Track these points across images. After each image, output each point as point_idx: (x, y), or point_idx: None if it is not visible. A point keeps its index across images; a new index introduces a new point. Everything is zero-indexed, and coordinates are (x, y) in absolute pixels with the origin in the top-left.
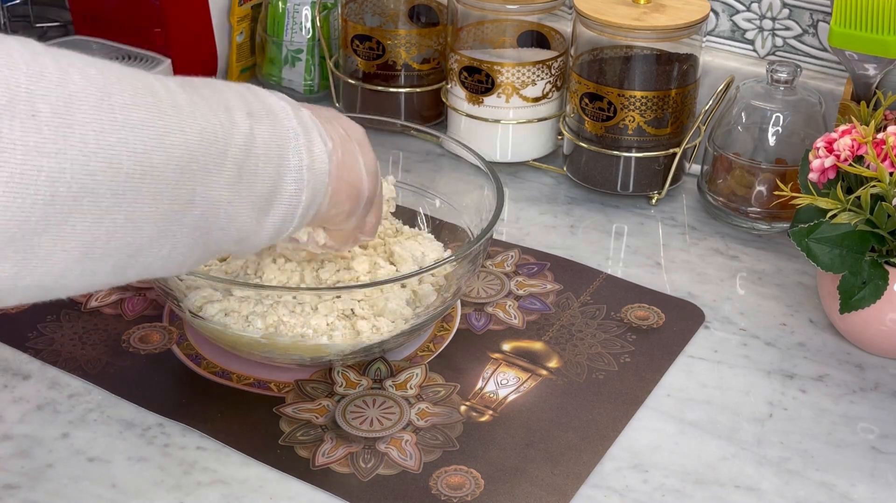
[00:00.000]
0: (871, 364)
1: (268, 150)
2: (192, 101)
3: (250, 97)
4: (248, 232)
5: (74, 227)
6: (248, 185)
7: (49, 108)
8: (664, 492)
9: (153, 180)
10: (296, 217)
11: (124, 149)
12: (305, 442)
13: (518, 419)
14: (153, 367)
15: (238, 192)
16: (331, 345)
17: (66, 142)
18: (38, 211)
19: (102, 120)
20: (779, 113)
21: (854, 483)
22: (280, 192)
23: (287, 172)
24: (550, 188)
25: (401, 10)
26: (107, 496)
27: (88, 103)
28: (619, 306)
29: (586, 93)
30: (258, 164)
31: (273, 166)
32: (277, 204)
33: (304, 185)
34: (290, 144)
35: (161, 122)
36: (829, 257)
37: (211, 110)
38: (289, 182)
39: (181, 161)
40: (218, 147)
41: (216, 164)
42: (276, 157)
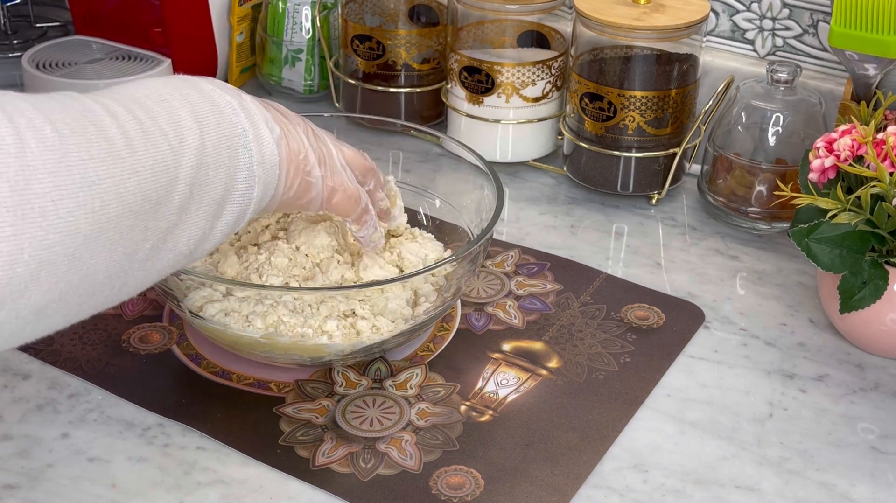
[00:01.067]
0: (872, 364)
1: (217, 155)
2: (142, 128)
3: (196, 97)
4: (200, 240)
5: (29, 298)
6: (199, 199)
7: (7, 186)
8: (664, 492)
9: (109, 232)
10: (248, 213)
11: (82, 211)
12: (305, 442)
13: (518, 419)
14: (153, 367)
15: (189, 209)
16: (331, 345)
17: (24, 220)
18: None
19: (60, 186)
20: (779, 113)
21: (854, 483)
22: (232, 194)
23: (238, 172)
24: (550, 188)
25: (401, 10)
26: (107, 496)
27: (46, 170)
28: (619, 306)
29: (586, 93)
30: (209, 174)
31: (224, 170)
32: (229, 205)
33: (255, 182)
34: (240, 142)
35: (117, 170)
36: (829, 257)
37: (160, 132)
38: (240, 181)
39: (135, 205)
40: (169, 175)
41: (167, 193)
42: (227, 159)
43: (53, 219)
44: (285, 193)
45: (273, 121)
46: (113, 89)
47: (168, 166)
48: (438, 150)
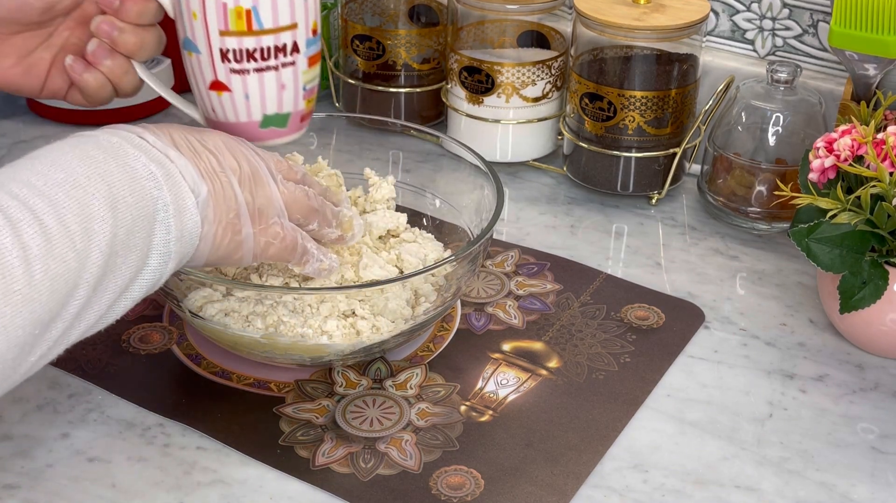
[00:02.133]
0: (872, 364)
1: (129, 240)
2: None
3: (115, 173)
4: (95, 324)
5: None
6: (101, 291)
7: None
8: (664, 493)
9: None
10: (157, 285)
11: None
12: (305, 442)
13: (518, 419)
14: (153, 367)
15: (89, 304)
16: (331, 346)
17: None
18: None
19: None
20: (779, 113)
21: (854, 483)
22: (141, 272)
23: (151, 251)
24: (550, 188)
25: (401, 10)
26: (107, 496)
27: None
28: (619, 306)
29: (586, 93)
30: (117, 261)
31: (135, 253)
32: (136, 284)
33: (170, 258)
34: (157, 218)
35: (7, 309)
36: (829, 257)
37: (67, 238)
38: (153, 257)
39: (22, 337)
40: (69, 286)
41: (64, 305)
42: (140, 241)
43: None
44: (213, 253)
45: (201, 178)
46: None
47: (69, 278)
48: (438, 150)
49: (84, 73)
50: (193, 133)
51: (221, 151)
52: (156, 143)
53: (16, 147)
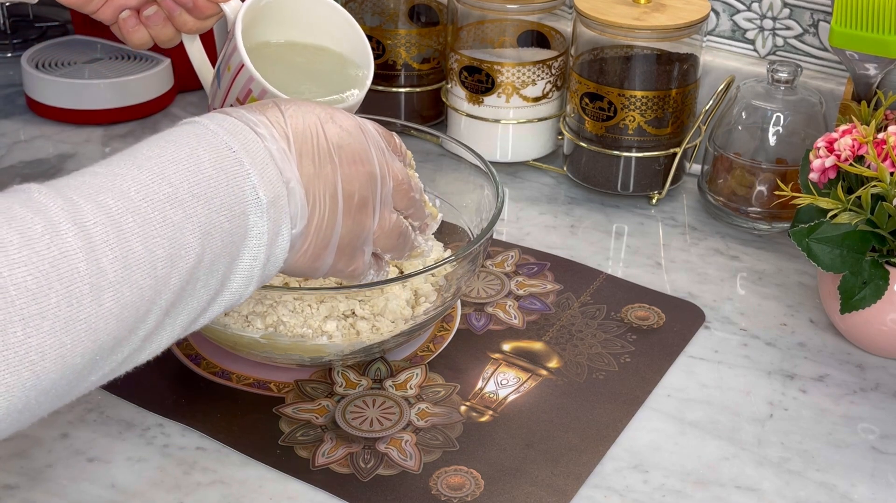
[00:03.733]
0: (872, 364)
1: (213, 265)
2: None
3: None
4: (165, 345)
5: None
6: (175, 315)
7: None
8: (664, 493)
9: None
10: (239, 303)
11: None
12: (305, 442)
13: (518, 419)
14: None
15: (161, 328)
16: (330, 346)
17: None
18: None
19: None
20: (779, 113)
21: (854, 483)
22: (222, 294)
23: (235, 275)
24: (550, 188)
25: (401, 9)
26: (106, 496)
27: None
28: (619, 306)
29: (586, 92)
30: (196, 287)
31: (216, 278)
32: (213, 307)
33: (253, 281)
34: (250, 244)
35: (68, 339)
36: (829, 257)
37: (149, 266)
38: (235, 282)
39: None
40: (142, 311)
41: (132, 330)
42: (223, 267)
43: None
44: (282, 271)
45: (308, 206)
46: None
47: (141, 306)
48: (438, 150)
49: (133, 29)
50: (328, 124)
51: (348, 163)
52: (277, 153)
53: (16, 147)
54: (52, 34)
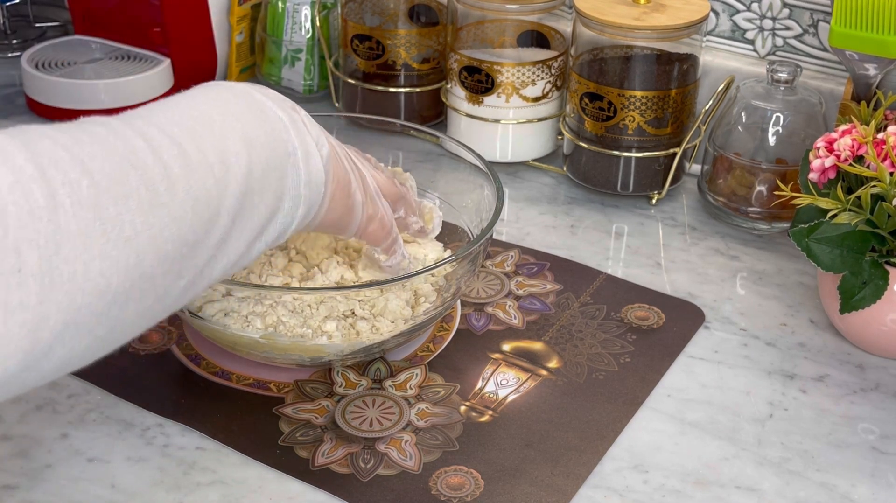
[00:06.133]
0: (872, 364)
1: (265, 179)
2: (187, 162)
3: (246, 114)
4: (237, 262)
5: (52, 357)
6: (241, 227)
7: (36, 254)
8: (664, 493)
9: (141, 284)
10: (288, 232)
11: (114, 270)
12: (305, 442)
13: (518, 419)
14: (153, 367)
15: (229, 239)
16: (330, 346)
17: (51, 288)
18: (16, 362)
19: (93, 247)
20: (779, 113)
21: (854, 483)
22: (276, 216)
23: (284, 193)
24: (550, 188)
25: (401, 9)
26: (106, 496)
27: (79, 231)
28: (619, 306)
29: (586, 93)
30: (254, 199)
31: (270, 193)
32: (272, 226)
33: (301, 202)
34: (289, 161)
35: (156, 220)
36: (829, 257)
37: (206, 165)
38: (286, 201)
39: (172, 252)
40: (211, 211)
41: (207, 231)
42: (274, 181)
43: (83, 281)
44: (328, 215)
45: (323, 139)
46: (164, 106)
47: (210, 203)
48: (438, 150)
49: None
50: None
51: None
52: (281, 100)
53: None
54: (52, 34)
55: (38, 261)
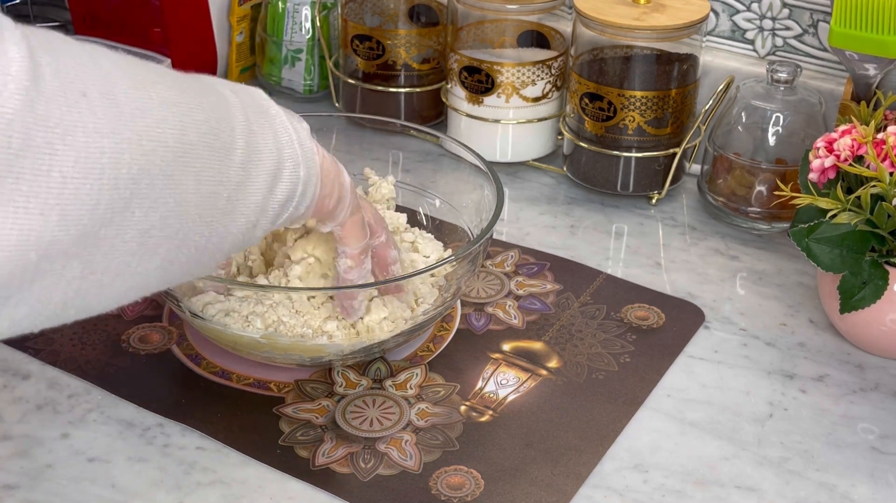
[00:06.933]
0: (872, 364)
1: (262, 126)
2: (191, 82)
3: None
4: (260, 213)
5: (133, 213)
6: (256, 162)
7: (95, 88)
8: (664, 493)
9: (192, 158)
10: (296, 194)
11: (167, 126)
12: (305, 442)
13: (518, 419)
14: (153, 367)
15: (250, 170)
16: (330, 346)
17: (118, 121)
18: (105, 197)
19: (141, 98)
20: (779, 113)
21: (854, 483)
22: (282, 167)
23: (283, 147)
24: (550, 188)
25: (401, 9)
26: (106, 496)
27: (124, 82)
28: (619, 306)
29: (586, 93)
30: (258, 140)
31: (271, 141)
32: (281, 181)
33: (299, 161)
34: (277, 121)
35: (185, 98)
36: (829, 257)
37: (207, 93)
38: (287, 157)
39: (208, 138)
40: (228, 124)
41: (230, 141)
42: (271, 131)
43: (143, 125)
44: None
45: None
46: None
47: (223, 116)
48: (438, 150)
49: None
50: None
51: None
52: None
53: None
54: None
55: (99, 95)
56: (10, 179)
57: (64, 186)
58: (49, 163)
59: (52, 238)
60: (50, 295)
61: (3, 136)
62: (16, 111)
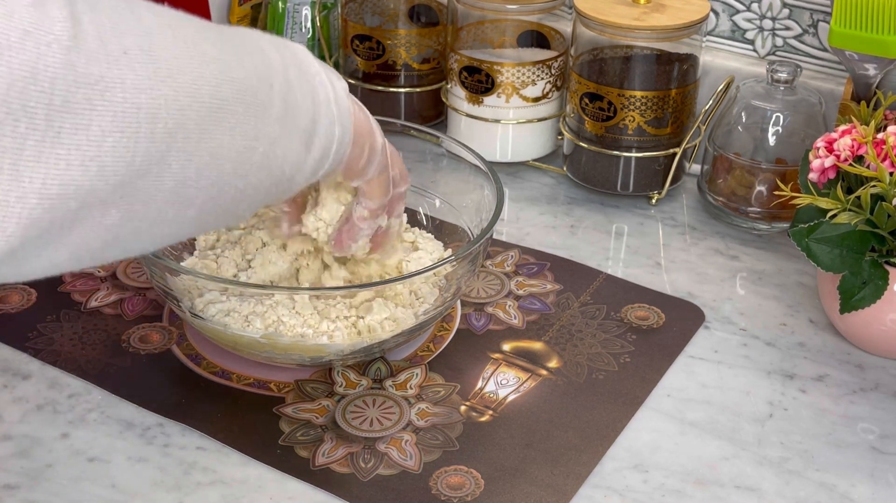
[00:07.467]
0: (872, 364)
1: (301, 83)
2: (233, 38)
3: (269, 37)
4: (297, 168)
5: (170, 165)
6: (293, 119)
7: (135, 44)
8: (664, 493)
9: (226, 114)
10: (331, 152)
11: (203, 82)
12: (305, 442)
13: (518, 419)
14: (153, 367)
15: (286, 126)
16: (331, 346)
17: (156, 77)
18: (142, 149)
19: (179, 56)
20: (779, 113)
21: (854, 483)
22: (318, 125)
23: (319, 105)
24: (550, 188)
25: (401, 9)
26: (107, 496)
27: (165, 38)
28: (619, 306)
29: (586, 93)
30: (297, 97)
31: (309, 99)
32: (317, 137)
33: (335, 119)
34: (316, 80)
35: (225, 56)
36: (829, 257)
37: (248, 50)
38: (323, 115)
39: (244, 95)
40: (267, 81)
41: (268, 98)
42: (309, 89)
43: (180, 81)
44: (356, 140)
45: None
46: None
47: (262, 73)
48: (438, 150)
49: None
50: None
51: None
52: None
53: None
54: None
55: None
56: (50, 134)
57: (103, 140)
58: (88, 118)
59: (92, 188)
60: (89, 240)
61: (45, 95)
62: (58, 70)
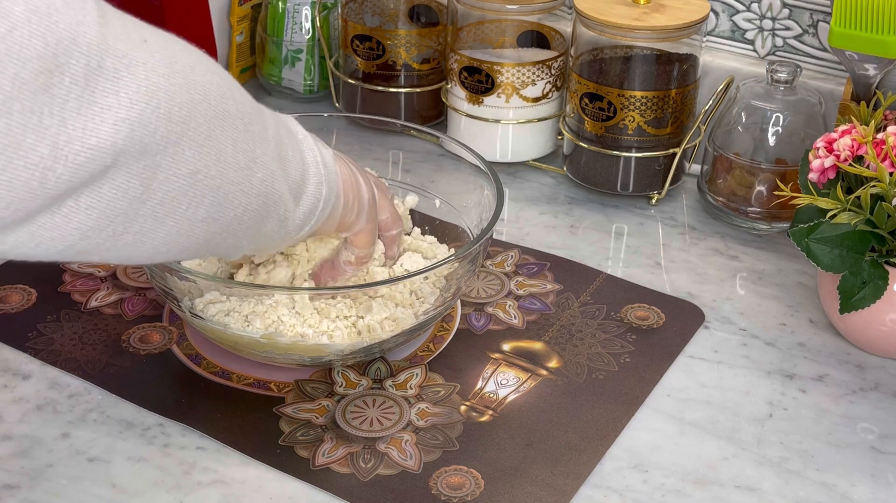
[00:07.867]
0: (871, 364)
1: (290, 141)
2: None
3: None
4: (288, 213)
5: (184, 151)
6: (285, 167)
7: (154, 38)
8: (664, 493)
9: (230, 126)
10: (317, 210)
11: (212, 87)
12: (305, 442)
13: (518, 419)
14: (153, 367)
15: (280, 169)
16: (331, 346)
17: (173, 67)
18: (161, 126)
19: (192, 59)
20: (779, 113)
21: (854, 483)
22: (306, 182)
23: (308, 166)
24: (550, 188)
25: (401, 10)
26: (107, 496)
27: (177, 46)
28: (619, 306)
29: (586, 93)
30: (288, 151)
31: (298, 157)
32: (305, 195)
33: (322, 180)
34: (304, 144)
35: (222, 81)
36: (829, 257)
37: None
38: (311, 175)
39: (244, 117)
40: (262, 121)
41: (264, 136)
42: (297, 149)
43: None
44: (344, 210)
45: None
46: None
47: (256, 115)
48: (438, 150)
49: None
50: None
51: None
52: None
53: None
54: None
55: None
56: (88, 91)
57: (131, 107)
58: (117, 85)
59: (123, 148)
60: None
61: (84, 56)
62: (93, 38)
